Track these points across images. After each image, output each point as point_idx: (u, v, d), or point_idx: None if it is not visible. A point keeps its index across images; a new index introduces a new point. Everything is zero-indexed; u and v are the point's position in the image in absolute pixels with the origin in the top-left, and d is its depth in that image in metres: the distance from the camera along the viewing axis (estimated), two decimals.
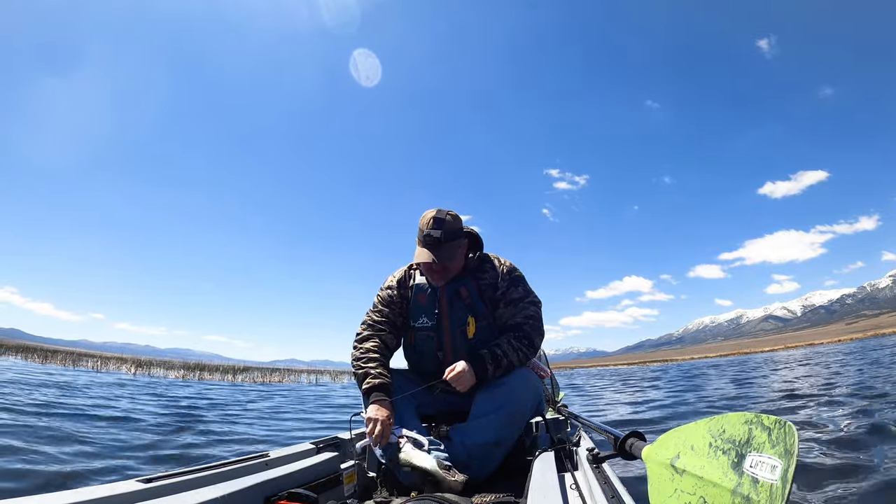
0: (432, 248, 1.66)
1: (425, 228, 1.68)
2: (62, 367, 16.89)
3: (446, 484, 1.39)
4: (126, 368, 18.64)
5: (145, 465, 3.17)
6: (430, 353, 1.82)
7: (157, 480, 1.11)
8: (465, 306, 1.77)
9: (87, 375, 12.73)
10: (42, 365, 16.40)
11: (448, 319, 1.78)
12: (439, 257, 1.66)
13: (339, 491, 1.47)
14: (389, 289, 1.88)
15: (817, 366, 12.75)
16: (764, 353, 46.20)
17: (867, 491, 2.14)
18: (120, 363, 20.18)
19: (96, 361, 20.17)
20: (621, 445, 1.12)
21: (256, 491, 1.12)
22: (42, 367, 15.26)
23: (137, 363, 19.93)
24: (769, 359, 24.83)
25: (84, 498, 0.93)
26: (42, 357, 18.97)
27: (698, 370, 19.72)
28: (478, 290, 1.79)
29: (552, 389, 2.84)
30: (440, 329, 1.79)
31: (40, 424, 4.07)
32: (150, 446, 3.71)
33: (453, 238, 1.70)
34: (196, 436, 4.37)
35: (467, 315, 1.76)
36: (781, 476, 0.73)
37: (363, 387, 1.68)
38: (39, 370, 13.11)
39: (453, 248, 1.71)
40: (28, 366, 14.67)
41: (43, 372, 12.14)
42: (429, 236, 1.67)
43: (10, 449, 3.07)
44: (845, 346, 36.09)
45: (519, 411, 1.67)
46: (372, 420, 1.57)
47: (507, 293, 1.77)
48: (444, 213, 1.71)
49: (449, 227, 1.68)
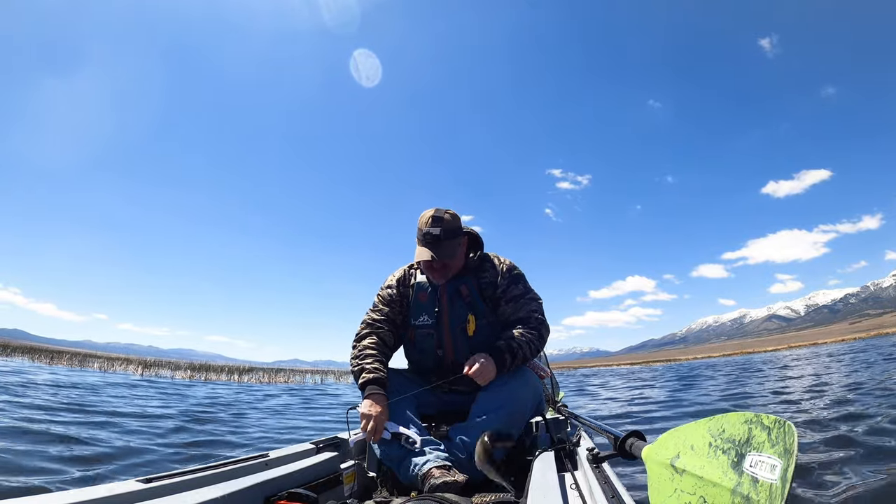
0: (432, 246, 1.68)
1: (424, 227, 1.70)
2: (69, 367, 17.01)
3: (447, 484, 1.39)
4: (133, 369, 18.81)
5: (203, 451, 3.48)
6: (430, 350, 1.83)
7: (157, 480, 1.11)
8: (465, 304, 1.79)
9: (96, 376, 12.83)
10: (49, 366, 16.50)
11: (448, 317, 1.79)
12: (439, 255, 1.67)
13: (339, 491, 1.47)
14: (390, 287, 1.90)
15: (816, 365, 12.73)
16: (766, 353, 45.94)
17: (867, 491, 2.13)
18: (126, 364, 20.35)
19: (102, 362, 20.35)
20: (621, 445, 1.12)
21: (256, 491, 1.12)
22: (49, 367, 15.37)
23: (144, 364, 20.07)
24: (768, 359, 24.75)
25: (84, 498, 0.93)
26: (48, 358, 19.11)
27: (695, 370, 19.68)
28: (478, 288, 1.80)
29: (552, 389, 2.84)
30: (440, 327, 1.80)
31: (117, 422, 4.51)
32: (195, 444, 3.91)
33: (453, 236, 1.72)
34: (227, 434, 4.55)
35: (467, 313, 1.77)
36: (781, 475, 0.73)
37: (359, 382, 1.70)
38: (63, 372, 13.32)
39: (453, 245, 1.72)
40: (38, 367, 14.79)
41: (57, 373, 12.29)
42: (428, 234, 1.68)
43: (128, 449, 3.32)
44: (848, 345, 35.95)
45: (519, 411, 1.68)
46: (365, 416, 1.58)
47: (508, 291, 1.79)
48: (443, 212, 1.73)
49: (448, 225, 1.70)
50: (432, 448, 1.57)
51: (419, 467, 1.51)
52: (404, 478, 1.55)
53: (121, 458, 3.12)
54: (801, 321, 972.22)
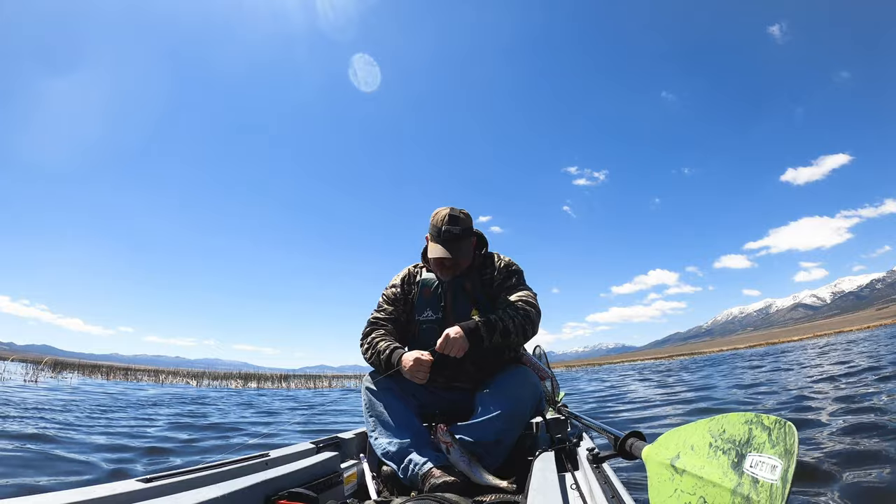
0: (448, 244, 1.71)
1: (442, 224, 1.73)
2: (125, 381, 17.99)
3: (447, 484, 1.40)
4: (188, 381, 19.86)
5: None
6: (433, 345, 1.84)
7: (157, 480, 1.11)
8: (468, 300, 1.82)
9: (158, 389, 13.57)
10: (106, 381, 17.40)
11: (453, 312, 1.82)
12: (455, 253, 1.71)
13: (339, 491, 1.47)
14: (394, 287, 1.94)
15: (836, 353, 12.38)
16: (793, 342, 44.96)
17: (865, 489, 2.12)
18: (174, 376, 21.35)
19: (153, 375, 21.32)
20: (621, 445, 1.12)
21: (256, 490, 1.12)
22: (108, 382, 16.29)
23: (193, 375, 21.20)
24: (782, 350, 24.30)
25: (83, 498, 0.93)
26: (104, 374, 20.19)
27: (719, 362, 19.42)
28: (481, 285, 1.84)
29: (552, 389, 2.84)
30: (445, 322, 1.81)
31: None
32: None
33: (467, 235, 1.77)
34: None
35: (471, 308, 1.80)
36: (781, 476, 0.73)
37: (382, 356, 1.71)
38: (134, 387, 14.02)
39: (467, 244, 1.77)
40: (102, 383, 15.60)
41: (144, 389, 13.11)
42: (448, 232, 1.72)
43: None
44: (874, 332, 35.20)
45: (519, 411, 1.68)
46: (417, 361, 1.61)
47: (503, 283, 1.83)
48: (458, 211, 1.77)
49: (464, 224, 1.75)
50: (433, 448, 1.57)
51: (419, 467, 1.51)
52: (404, 477, 1.55)
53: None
54: (828, 309, 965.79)
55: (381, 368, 1.74)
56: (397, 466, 1.58)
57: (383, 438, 1.65)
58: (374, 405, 1.73)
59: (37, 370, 14.27)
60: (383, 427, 1.68)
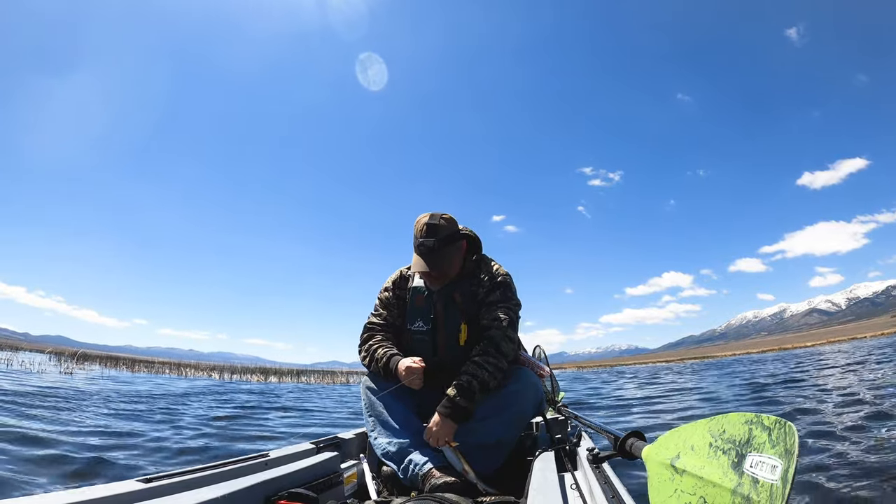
0: (426, 257, 1.66)
1: (419, 236, 1.68)
2: (151, 374, 18.31)
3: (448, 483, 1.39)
4: (210, 374, 20.23)
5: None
6: (425, 355, 1.82)
7: (157, 480, 1.11)
8: (458, 311, 1.76)
9: (187, 382, 14.04)
10: (133, 373, 17.59)
11: (444, 326, 1.77)
12: (434, 264, 1.66)
13: (339, 491, 1.47)
14: (387, 291, 1.90)
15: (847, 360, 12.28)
16: (807, 348, 44.46)
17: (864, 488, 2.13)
18: (195, 370, 21.52)
19: (176, 369, 21.44)
20: (621, 445, 1.12)
21: (256, 491, 1.12)
22: (135, 375, 16.46)
23: (216, 369, 21.66)
24: (792, 355, 24.17)
25: (83, 498, 0.93)
26: (128, 366, 20.64)
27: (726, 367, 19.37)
28: (470, 294, 1.77)
29: (552, 389, 2.84)
30: (435, 333, 1.78)
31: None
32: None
33: (449, 242, 1.70)
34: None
35: (460, 322, 1.75)
36: (782, 476, 0.73)
37: (381, 363, 1.70)
38: (167, 380, 14.57)
39: (449, 252, 1.71)
40: (133, 376, 15.88)
41: (174, 383, 13.25)
42: (422, 245, 1.66)
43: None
44: (889, 339, 34.54)
45: (520, 412, 1.67)
46: (410, 369, 1.62)
47: (486, 297, 1.75)
48: (438, 218, 1.70)
49: (443, 232, 1.68)
50: (433, 448, 1.57)
51: (419, 467, 1.50)
52: (405, 477, 1.55)
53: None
54: (843, 315, 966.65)
55: (380, 375, 1.73)
56: (397, 466, 1.58)
57: (383, 438, 1.64)
58: (374, 405, 1.71)
59: (72, 362, 14.48)
60: (383, 427, 1.66)
